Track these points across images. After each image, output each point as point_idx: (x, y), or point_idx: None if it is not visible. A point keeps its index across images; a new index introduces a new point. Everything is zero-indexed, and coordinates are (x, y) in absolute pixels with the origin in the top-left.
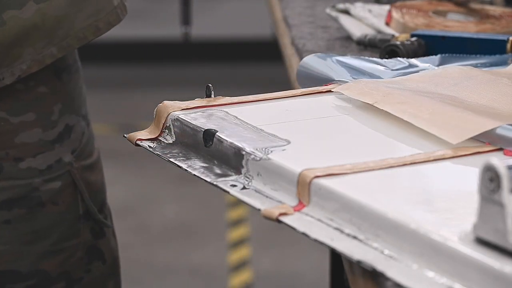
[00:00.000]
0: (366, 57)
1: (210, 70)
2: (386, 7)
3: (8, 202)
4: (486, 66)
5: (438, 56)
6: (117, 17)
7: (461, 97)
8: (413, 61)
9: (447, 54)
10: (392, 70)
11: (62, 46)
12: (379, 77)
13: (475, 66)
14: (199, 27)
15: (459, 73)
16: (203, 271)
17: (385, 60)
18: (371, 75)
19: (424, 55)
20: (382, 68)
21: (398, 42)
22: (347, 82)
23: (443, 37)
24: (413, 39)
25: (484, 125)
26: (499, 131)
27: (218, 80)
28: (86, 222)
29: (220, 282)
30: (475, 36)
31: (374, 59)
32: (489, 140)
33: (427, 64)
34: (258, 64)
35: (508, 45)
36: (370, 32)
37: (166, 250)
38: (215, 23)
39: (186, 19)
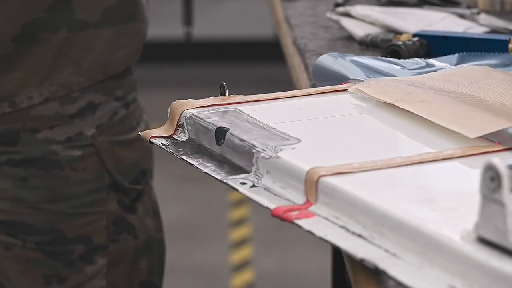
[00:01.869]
0: (383, 57)
1: (212, 70)
2: (387, 9)
3: (25, 161)
4: (504, 66)
5: (456, 55)
6: (131, 59)
7: (482, 96)
8: (431, 61)
9: (465, 53)
10: (409, 69)
11: (88, 77)
12: (394, 77)
13: (493, 65)
14: (201, 27)
15: (479, 72)
16: (205, 271)
17: (403, 60)
18: (386, 75)
19: (426, 55)
20: (398, 67)
21: (400, 42)
22: (363, 81)
23: (445, 37)
24: (415, 39)
25: (503, 123)
26: (510, 130)
27: (219, 80)
28: (113, 193)
29: (222, 282)
30: (476, 36)
31: (391, 59)
32: (500, 140)
33: (445, 64)
34: (260, 64)
35: (510, 45)
36: (372, 31)
37: (168, 250)
38: (217, 23)
39: (188, 19)
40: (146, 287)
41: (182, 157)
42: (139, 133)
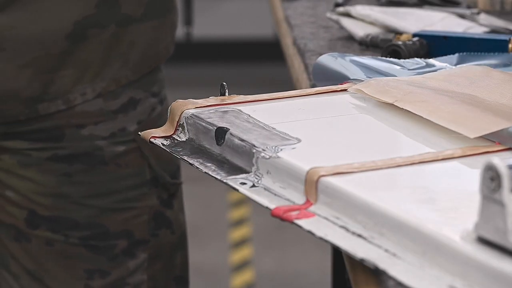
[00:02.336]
0: (383, 57)
1: (212, 70)
2: (387, 9)
3: (70, 157)
4: (504, 66)
5: (456, 55)
6: (168, 51)
7: (482, 96)
8: (431, 61)
9: (465, 53)
10: (409, 69)
11: (135, 71)
12: (394, 77)
13: (493, 65)
14: (201, 27)
15: (480, 72)
16: (205, 271)
17: (403, 60)
18: (386, 75)
19: (426, 55)
20: (398, 67)
21: (400, 42)
22: (363, 81)
23: (445, 37)
24: (415, 39)
25: (503, 123)
26: (510, 130)
27: (219, 80)
28: (153, 188)
29: (222, 282)
30: (476, 36)
31: (391, 59)
32: (500, 140)
33: (445, 64)
34: (260, 64)
35: (510, 45)
36: (373, 31)
37: None
38: (217, 23)
39: (188, 19)
40: (179, 282)
41: (182, 157)
42: (139, 133)
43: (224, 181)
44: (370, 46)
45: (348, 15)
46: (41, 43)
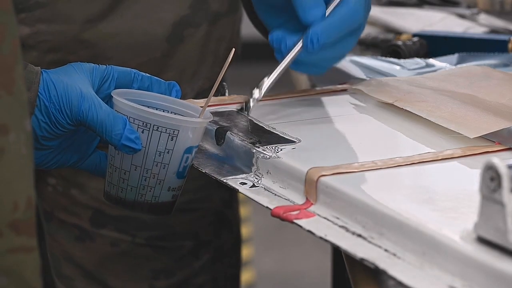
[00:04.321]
0: (383, 57)
1: None
2: (387, 9)
3: None
4: (504, 66)
5: (456, 55)
6: (238, 48)
7: (482, 96)
8: (431, 61)
9: (465, 53)
10: (409, 70)
11: (222, 66)
12: (394, 77)
13: (493, 65)
14: None
15: (480, 72)
16: None
17: (403, 60)
18: (386, 75)
19: (426, 55)
20: (398, 67)
21: (400, 42)
22: (363, 81)
23: (445, 37)
24: (415, 39)
25: (503, 123)
26: (511, 130)
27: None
28: (218, 188)
29: None
30: (476, 36)
31: (391, 59)
32: (500, 140)
33: (445, 64)
34: (259, 64)
35: (510, 45)
36: (372, 31)
37: None
38: None
39: None
40: (233, 280)
41: None
42: None
43: (224, 181)
44: (370, 46)
45: None
46: (144, 48)
